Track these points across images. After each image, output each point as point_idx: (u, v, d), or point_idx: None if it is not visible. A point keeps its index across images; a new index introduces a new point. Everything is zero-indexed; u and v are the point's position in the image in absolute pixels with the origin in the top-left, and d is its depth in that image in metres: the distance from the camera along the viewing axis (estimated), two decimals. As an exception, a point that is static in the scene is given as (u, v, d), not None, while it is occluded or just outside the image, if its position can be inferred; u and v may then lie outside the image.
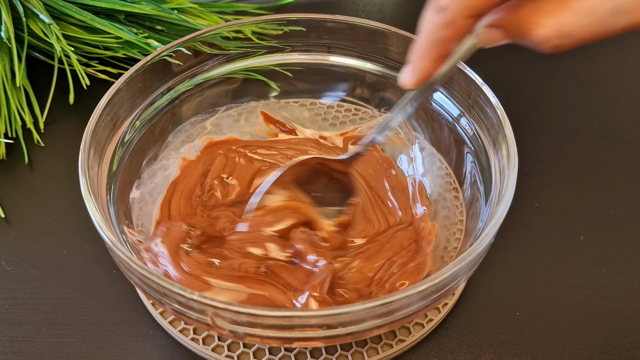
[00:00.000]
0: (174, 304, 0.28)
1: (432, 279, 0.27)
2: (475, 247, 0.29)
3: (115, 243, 0.29)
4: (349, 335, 0.28)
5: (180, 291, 0.27)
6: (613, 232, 0.41)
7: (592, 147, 0.47)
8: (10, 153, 0.45)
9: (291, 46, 0.43)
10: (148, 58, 0.38)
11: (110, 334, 0.36)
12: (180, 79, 0.41)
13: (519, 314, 0.37)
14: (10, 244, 0.40)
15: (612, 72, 0.54)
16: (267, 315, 0.26)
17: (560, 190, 0.44)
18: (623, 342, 0.36)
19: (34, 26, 0.47)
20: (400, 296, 0.26)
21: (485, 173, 0.36)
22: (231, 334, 0.28)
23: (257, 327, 0.27)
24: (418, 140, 0.42)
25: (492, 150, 0.35)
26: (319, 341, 0.29)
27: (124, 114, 0.37)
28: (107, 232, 0.29)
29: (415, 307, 0.28)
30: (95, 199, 0.31)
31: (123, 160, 0.37)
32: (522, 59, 0.54)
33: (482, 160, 0.36)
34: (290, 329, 0.27)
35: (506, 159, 0.33)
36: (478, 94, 0.36)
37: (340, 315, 0.26)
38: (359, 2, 0.60)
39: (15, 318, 0.36)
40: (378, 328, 0.28)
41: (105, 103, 0.35)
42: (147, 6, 0.48)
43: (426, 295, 0.28)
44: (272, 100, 0.45)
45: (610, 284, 0.39)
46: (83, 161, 0.32)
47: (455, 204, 0.39)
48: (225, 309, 0.26)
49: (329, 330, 0.27)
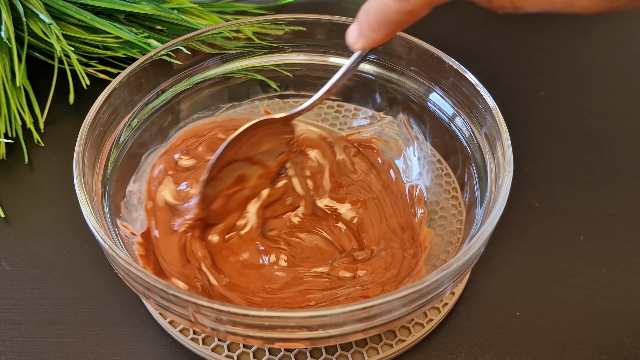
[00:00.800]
0: (157, 298, 0.28)
1: (414, 285, 0.27)
2: (461, 256, 0.28)
3: (101, 234, 0.29)
4: (332, 338, 0.28)
5: (162, 287, 0.27)
6: (613, 232, 0.41)
7: (592, 147, 0.47)
8: (10, 153, 0.45)
9: (291, 46, 0.43)
10: (146, 57, 0.38)
11: (110, 334, 0.36)
12: (181, 77, 0.41)
13: (519, 314, 0.37)
14: (10, 244, 0.40)
15: (612, 72, 0.54)
16: (247, 314, 0.26)
17: (560, 190, 0.44)
18: (623, 342, 0.36)
19: (34, 26, 0.47)
20: (381, 301, 0.26)
21: (482, 178, 0.36)
22: (214, 332, 0.28)
23: (239, 327, 0.27)
24: (417, 142, 0.42)
25: (489, 155, 0.35)
26: (301, 342, 0.29)
27: (122, 111, 0.37)
28: (94, 223, 0.30)
29: (399, 313, 0.28)
30: (88, 192, 0.31)
31: (120, 156, 0.37)
32: (521, 59, 0.54)
33: (479, 165, 0.36)
34: (272, 329, 0.27)
35: (501, 164, 0.33)
36: (475, 96, 0.36)
37: (320, 317, 0.26)
38: (359, 2, 0.60)
39: (15, 318, 0.36)
40: (362, 332, 0.28)
41: (103, 100, 0.35)
42: (147, 6, 0.48)
43: (409, 301, 0.28)
44: (274, 100, 0.45)
45: (610, 284, 0.38)
46: (78, 154, 0.32)
47: (453, 212, 0.39)
48: (206, 306, 0.26)
49: (309, 332, 0.27)
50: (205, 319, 0.27)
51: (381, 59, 0.42)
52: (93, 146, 0.34)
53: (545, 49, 0.56)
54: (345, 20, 0.41)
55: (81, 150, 0.32)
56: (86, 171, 0.32)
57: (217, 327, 0.28)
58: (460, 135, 0.38)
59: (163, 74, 0.40)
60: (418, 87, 0.40)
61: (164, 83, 0.40)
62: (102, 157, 0.35)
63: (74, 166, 0.32)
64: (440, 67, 0.38)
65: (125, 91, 0.37)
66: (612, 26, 0.59)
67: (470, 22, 0.58)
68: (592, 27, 0.59)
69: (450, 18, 0.58)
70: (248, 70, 0.43)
